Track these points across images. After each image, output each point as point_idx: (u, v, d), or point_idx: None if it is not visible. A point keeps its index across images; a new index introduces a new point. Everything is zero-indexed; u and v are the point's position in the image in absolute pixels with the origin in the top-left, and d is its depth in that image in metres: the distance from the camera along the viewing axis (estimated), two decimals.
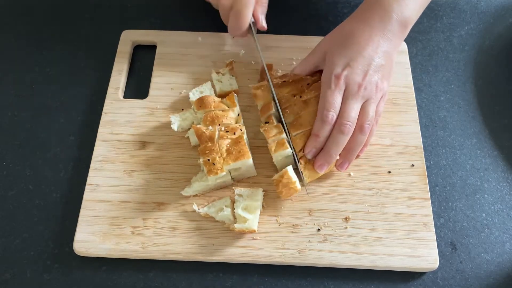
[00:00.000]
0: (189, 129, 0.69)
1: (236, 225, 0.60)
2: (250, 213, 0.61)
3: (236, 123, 0.67)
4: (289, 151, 0.63)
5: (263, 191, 0.64)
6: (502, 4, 0.87)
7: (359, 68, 0.61)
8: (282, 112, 0.66)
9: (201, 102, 0.67)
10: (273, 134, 0.64)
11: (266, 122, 0.66)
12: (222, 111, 0.67)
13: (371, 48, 0.62)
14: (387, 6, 0.62)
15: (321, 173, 0.63)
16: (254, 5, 0.67)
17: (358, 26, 0.63)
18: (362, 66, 0.61)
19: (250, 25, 0.69)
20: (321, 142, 0.62)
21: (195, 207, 0.63)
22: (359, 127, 0.61)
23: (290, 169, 0.62)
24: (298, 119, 0.64)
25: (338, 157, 0.63)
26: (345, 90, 0.61)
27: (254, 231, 0.60)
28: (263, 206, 0.64)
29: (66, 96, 0.75)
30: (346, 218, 0.63)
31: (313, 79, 0.67)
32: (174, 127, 0.68)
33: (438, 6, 0.86)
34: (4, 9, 0.84)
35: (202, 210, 0.63)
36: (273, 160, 0.64)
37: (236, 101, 0.69)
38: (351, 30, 0.63)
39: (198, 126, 0.65)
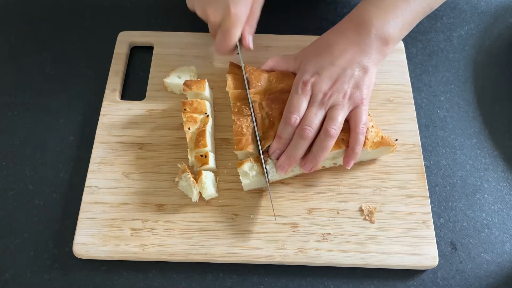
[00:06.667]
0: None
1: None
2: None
3: (204, 112, 0.67)
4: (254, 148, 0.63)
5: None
6: (502, 4, 0.87)
7: (327, 76, 0.61)
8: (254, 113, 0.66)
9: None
10: (240, 129, 0.64)
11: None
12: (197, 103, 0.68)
13: (344, 59, 0.62)
14: (366, 21, 0.62)
15: (283, 174, 0.62)
16: (243, 25, 0.66)
17: (335, 37, 0.64)
18: (330, 75, 0.61)
19: (237, 44, 0.67)
20: (284, 144, 0.61)
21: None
22: (324, 131, 0.60)
23: None
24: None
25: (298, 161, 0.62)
26: (311, 96, 0.62)
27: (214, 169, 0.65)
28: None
29: (66, 96, 0.75)
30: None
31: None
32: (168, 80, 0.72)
33: (438, 6, 0.86)
34: (4, 9, 0.85)
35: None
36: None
37: (207, 87, 0.69)
38: (328, 41, 0.65)
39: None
